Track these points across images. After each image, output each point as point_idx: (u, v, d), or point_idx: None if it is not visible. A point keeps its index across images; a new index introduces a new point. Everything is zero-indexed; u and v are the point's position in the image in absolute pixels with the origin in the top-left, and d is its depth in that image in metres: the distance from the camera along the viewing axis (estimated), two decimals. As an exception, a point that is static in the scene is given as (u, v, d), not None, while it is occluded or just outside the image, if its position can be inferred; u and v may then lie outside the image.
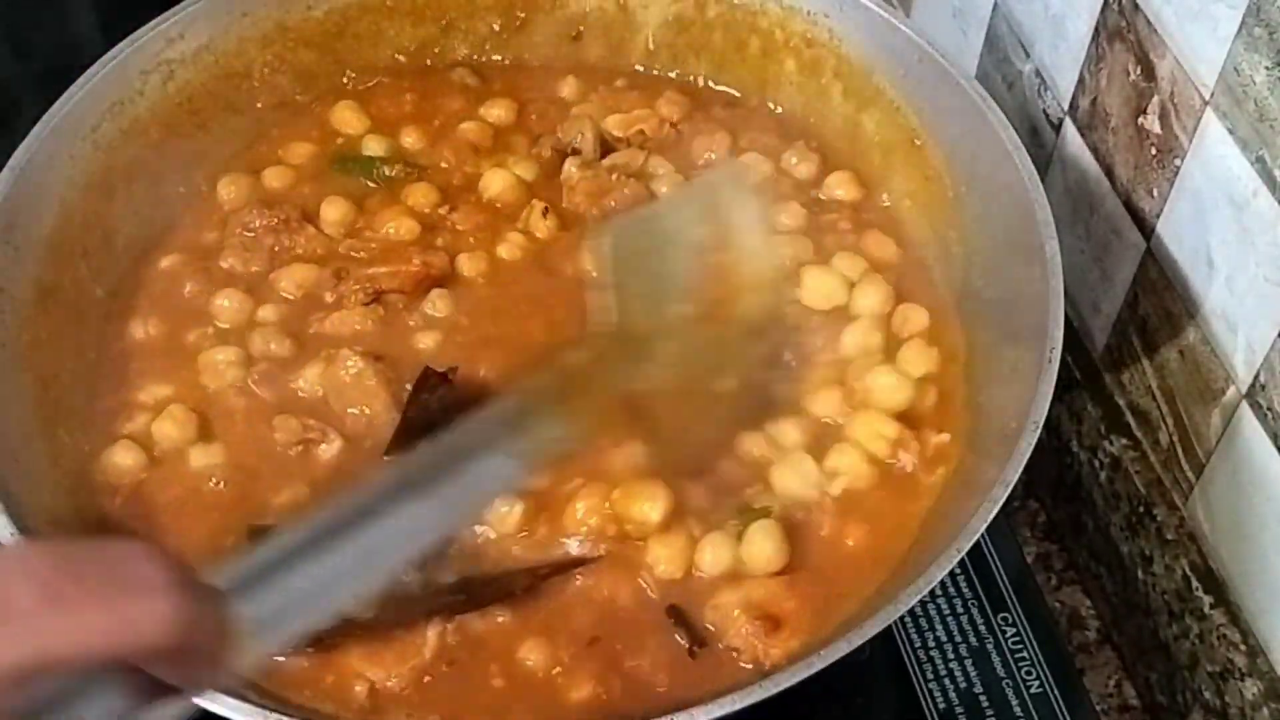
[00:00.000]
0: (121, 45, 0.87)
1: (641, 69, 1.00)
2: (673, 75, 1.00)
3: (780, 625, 0.70)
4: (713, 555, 0.73)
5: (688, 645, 0.70)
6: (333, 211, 0.89)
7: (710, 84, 0.99)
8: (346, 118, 0.95)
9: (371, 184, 0.91)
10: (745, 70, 0.98)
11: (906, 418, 0.79)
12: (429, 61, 0.99)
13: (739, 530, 0.73)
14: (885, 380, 0.79)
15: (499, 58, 1.00)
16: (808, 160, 0.92)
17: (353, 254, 0.87)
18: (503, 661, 0.70)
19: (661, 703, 0.68)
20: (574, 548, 0.73)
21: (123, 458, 0.77)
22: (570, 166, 0.91)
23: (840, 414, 0.79)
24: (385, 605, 0.70)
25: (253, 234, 0.87)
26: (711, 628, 0.71)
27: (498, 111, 0.96)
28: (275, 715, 0.61)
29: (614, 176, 0.90)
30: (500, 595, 0.71)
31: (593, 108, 0.96)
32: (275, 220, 0.87)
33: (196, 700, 0.61)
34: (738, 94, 0.98)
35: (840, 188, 0.91)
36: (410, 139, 0.94)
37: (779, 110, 0.97)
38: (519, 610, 0.71)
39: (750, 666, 0.70)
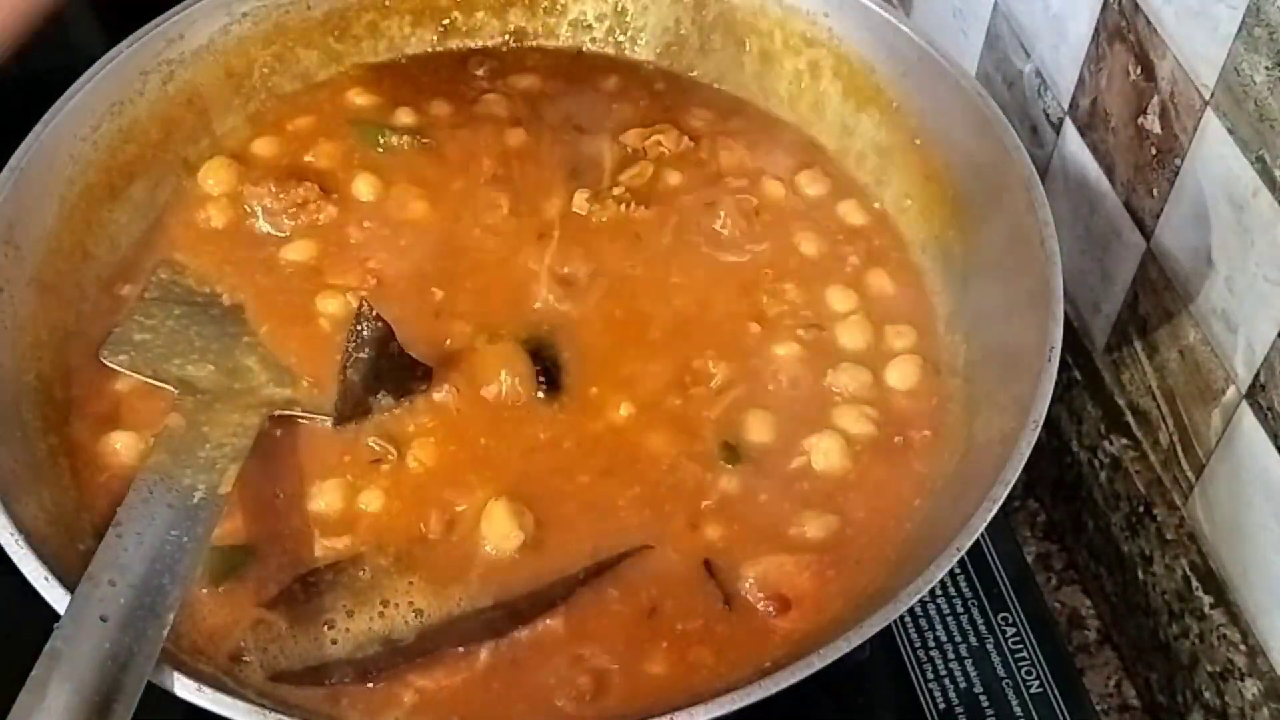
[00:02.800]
0: (121, 45, 0.87)
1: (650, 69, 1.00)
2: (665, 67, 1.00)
3: (790, 606, 0.72)
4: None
5: (721, 599, 0.72)
6: (360, 187, 0.90)
7: (715, 86, 0.99)
8: (358, 99, 0.96)
9: (381, 149, 0.92)
10: (745, 72, 0.98)
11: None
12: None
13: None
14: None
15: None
16: (819, 183, 0.92)
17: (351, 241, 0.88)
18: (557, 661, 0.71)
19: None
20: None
21: (121, 443, 0.77)
22: (580, 198, 0.90)
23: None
24: (427, 630, 0.70)
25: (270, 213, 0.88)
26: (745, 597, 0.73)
27: (526, 82, 0.97)
28: (275, 715, 0.61)
29: (623, 207, 0.90)
30: (543, 609, 0.71)
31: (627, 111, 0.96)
32: (292, 203, 0.88)
33: (197, 700, 0.62)
34: (744, 98, 0.98)
35: (850, 215, 0.91)
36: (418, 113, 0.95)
37: (790, 119, 0.97)
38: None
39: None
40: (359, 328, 0.77)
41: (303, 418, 0.78)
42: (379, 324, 0.77)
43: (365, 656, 0.69)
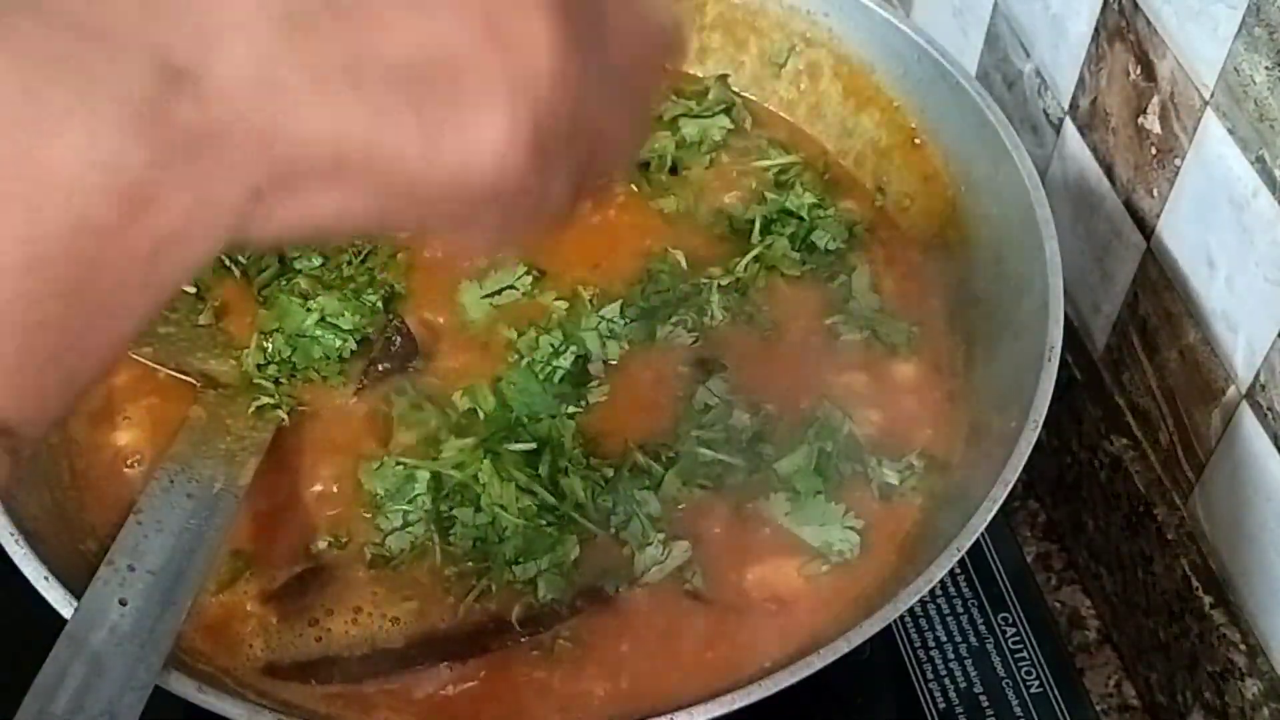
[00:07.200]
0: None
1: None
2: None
3: (789, 607, 0.72)
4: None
5: (729, 608, 0.72)
6: None
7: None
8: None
9: None
10: (745, 72, 0.98)
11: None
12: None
13: None
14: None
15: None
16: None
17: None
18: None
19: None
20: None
21: (122, 442, 0.78)
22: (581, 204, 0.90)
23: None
24: (415, 639, 0.71)
25: None
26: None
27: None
28: (275, 715, 0.62)
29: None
30: (536, 629, 0.71)
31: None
32: None
33: (197, 700, 0.62)
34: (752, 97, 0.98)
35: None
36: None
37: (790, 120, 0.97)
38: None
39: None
40: (392, 340, 0.80)
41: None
42: (410, 342, 0.80)
43: (353, 658, 0.70)
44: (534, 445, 0.75)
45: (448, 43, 0.41)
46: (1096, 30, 0.85)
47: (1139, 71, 0.81)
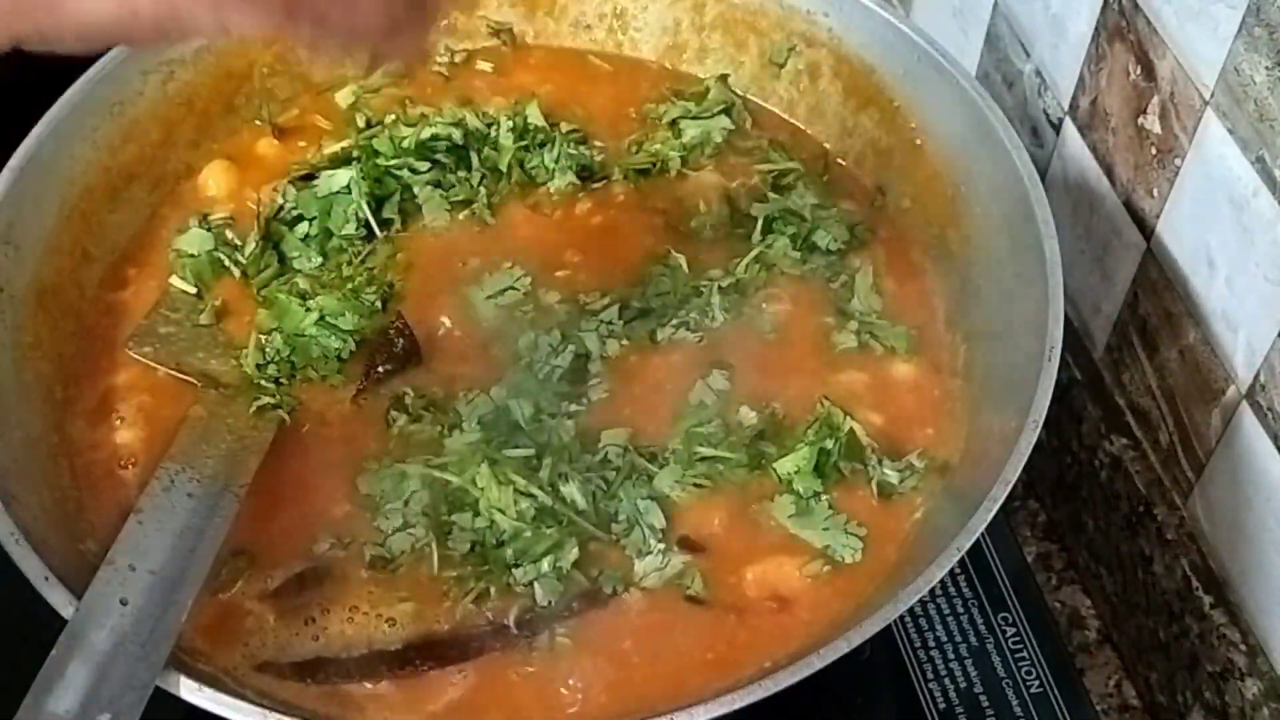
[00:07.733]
0: (122, 46, 0.87)
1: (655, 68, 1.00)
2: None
3: (789, 606, 0.72)
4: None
5: (729, 610, 0.72)
6: None
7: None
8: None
9: None
10: (745, 72, 0.98)
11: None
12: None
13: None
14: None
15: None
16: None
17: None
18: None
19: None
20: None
21: (122, 442, 0.78)
22: (582, 205, 0.91)
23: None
24: (413, 641, 0.71)
25: None
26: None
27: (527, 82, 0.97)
28: (275, 715, 0.62)
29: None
30: (534, 632, 0.71)
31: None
32: None
33: (197, 700, 0.62)
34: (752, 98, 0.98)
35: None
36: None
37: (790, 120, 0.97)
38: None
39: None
40: (394, 341, 0.80)
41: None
42: (412, 343, 0.79)
43: (350, 659, 0.70)
44: (533, 451, 0.75)
45: None
46: (1096, 30, 0.85)
47: (1139, 71, 0.82)
